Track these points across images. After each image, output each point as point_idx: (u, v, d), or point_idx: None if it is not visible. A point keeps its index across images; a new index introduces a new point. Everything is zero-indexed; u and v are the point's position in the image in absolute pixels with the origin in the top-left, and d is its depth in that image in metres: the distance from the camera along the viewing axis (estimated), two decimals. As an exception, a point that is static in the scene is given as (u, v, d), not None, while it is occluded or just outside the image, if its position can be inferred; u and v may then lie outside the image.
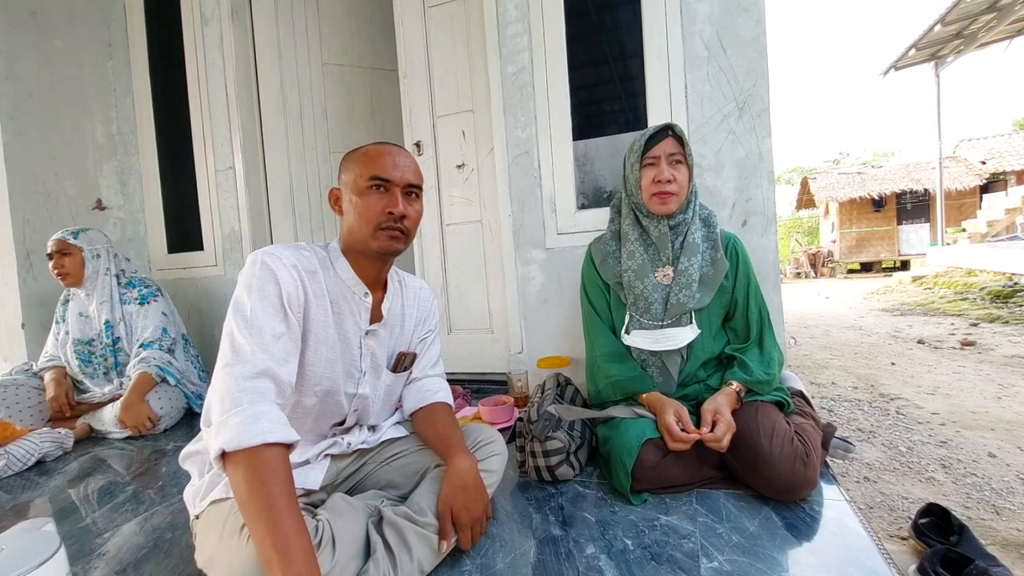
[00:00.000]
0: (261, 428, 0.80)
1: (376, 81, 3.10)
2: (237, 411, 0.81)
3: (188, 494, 0.99)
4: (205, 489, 0.94)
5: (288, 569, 0.72)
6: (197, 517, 0.94)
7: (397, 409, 1.27)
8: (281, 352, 0.91)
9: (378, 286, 1.12)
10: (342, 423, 1.13)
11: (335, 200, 1.08)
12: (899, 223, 14.71)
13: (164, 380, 2.15)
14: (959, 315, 5.87)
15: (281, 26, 2.87)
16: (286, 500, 0.78)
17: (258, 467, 0.78)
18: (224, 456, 0.81)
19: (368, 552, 0.89)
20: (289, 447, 0.85)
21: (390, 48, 2.60)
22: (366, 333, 1.08)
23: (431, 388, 1.23)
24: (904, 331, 5.23)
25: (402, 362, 1.19)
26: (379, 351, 1.13)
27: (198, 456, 1.00)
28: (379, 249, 1.03)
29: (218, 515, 0.88)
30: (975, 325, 5.22)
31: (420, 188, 1.08)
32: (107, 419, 2.04)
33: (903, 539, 1.52)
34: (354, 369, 1.08)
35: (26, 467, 1.78)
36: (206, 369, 2.47)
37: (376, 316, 1.11)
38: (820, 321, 6.37)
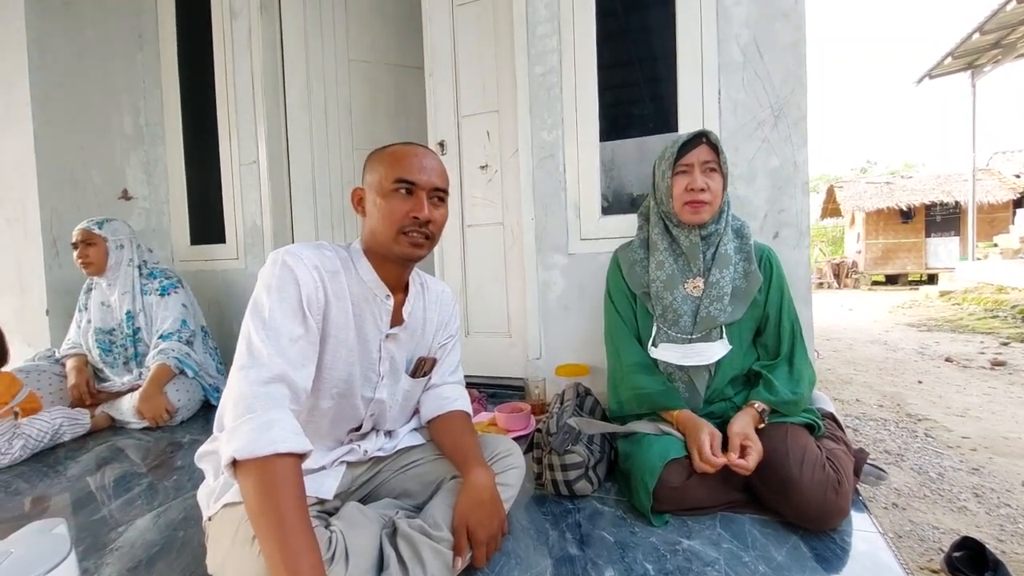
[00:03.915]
0: (273, 437, 0.78)
1: (401, 78, 3.08)
2: (249, 417, 0.79)
3: (202, 494, 0.98)
4: (219, 491, 0.92)
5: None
6: (210, 519, 0.92)
7: (415, 415, 1.25)
8: (298, 356, 0.89)
9: (400, 288, 1.09)
10: (359, 428, 1.11)
11: (358, 200, 1.05)
12: (927, 236, 14.34)
13: (182, 372, 2.16)
14: (989, 333, 5.69)
15: (309, 21, 2.87)
16: (296, 515, 0.76)
17: (269, 478, 0.76)
18: (235, 464, 0.79)
19: (381, 565, 0.87)
20: (302, 457, 0.82)
21: (416, 45, 2.58)
22: (386, 336, 1.06)
23: (450, 396, 1.21)
24: (931, 348, 5.09)
25: (421, 367, 1.16)
26: (398, 355, 1.10)
27: (213, 456, 0.98)
28: (401, 254, 1.00)
29: (231, 519, 0.86)
30: (1006, 344, 5.05)
31: (446, 192, 1.05)
32: (126, 409, 2.06)
33: (933, 572, 1.46)
34: (372, 373, 1.06)
35: (44, 446, 1.80)
36: (224, 362, 2.47)
37: (397, 319, 1.08)
38: (843, 334, 6.23)
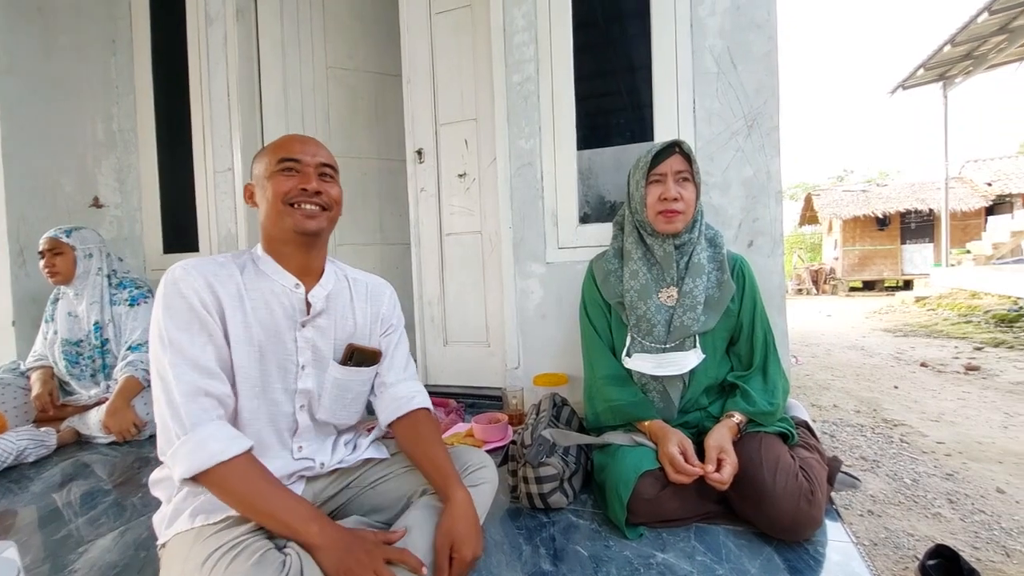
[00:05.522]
0: (211, 451, 0.82)
1: (380, 86, 3.07)
2: (183, 440, 0.83)
3: (156, 519, 0.95)
4: (169, 518, 0.90)
5: (308, 526, 0.82)
6: (163, 546, 0.90)
7: (371, 428, 1.21)
8: (208, 364, 0.89)
9: (313, 276, 1.06)
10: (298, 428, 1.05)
11: (249, 195, 1.06)
12: (903, 242, 14.63)
13: (151, 384, 2.09)
14: (963, 338, 5.81)
15: (286, 28, 2.84)
16: (268, 488, 0.85)
17: (228, 483, 0.83)
18: (193, 479, 0.82)
19: None
20: (248, 451, 0.87)
21: (395, 53, 2.57)
22: (302, 325, 1.02)
23: (406, 394, 1.14)
24: (907, 353, 5.17)
25: (353, 356, 1.10)
26: (321, 343, 1.05)
27: (166, 482, 0.95)
28: (294, 227, 0.98)
29: (181, 546, 0.83)
30: (979, 349, 5.15)
31: (335, 170, 1.06)
32: (92, 423, 1.99)
33: (908, 579, 1.46)
34: (290, 364, 1.01)
35: (6, 466, 1.74)
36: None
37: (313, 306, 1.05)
38: (822, 339, 6.31)
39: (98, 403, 2.07)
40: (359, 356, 1.10)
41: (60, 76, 2.76)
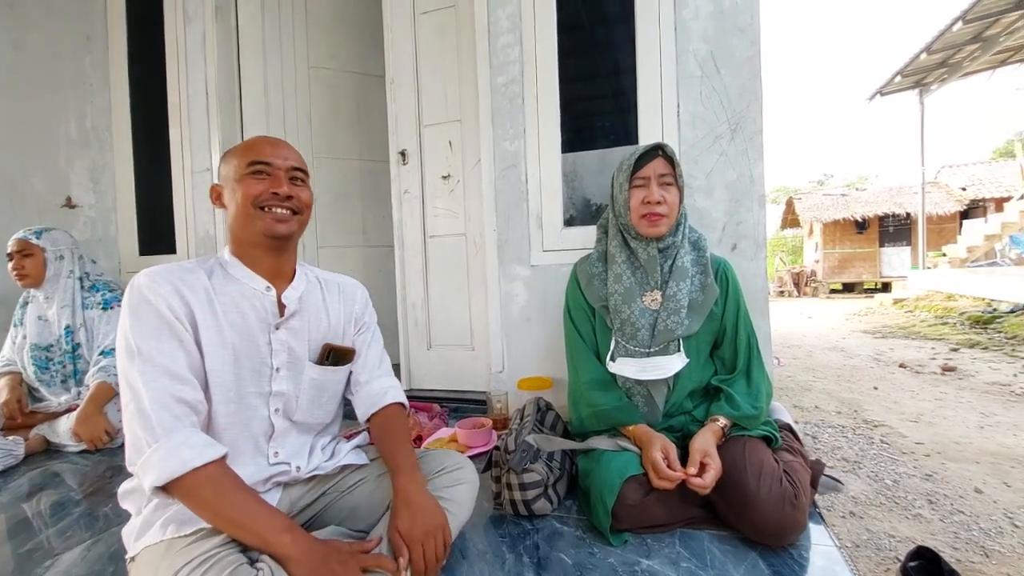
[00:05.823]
0: (184, 457, 0.80)
1: (363, 87, 3.03)
2: (155, 448, 0.80)
3: (125, 532, 0.91)
4: (139, 530, 0.87)
5: (280, 537, 0.79)
6: (132, 559, 0.86)
7: (350, 436, 1.18)
8: (179, 371, 0.87)
9: (284, 278, 1.05)
10: (275, 432, 1.03)
11: (217, 196, 1.04)
12: (881, 245, 14.92)
13: (124, 391, 2.04)
14: (939, 339, 5.92)
15: (267, 27, 2.80)
16: (241, 497, 0.82)
17: (197, 492, 0.80)
18: (164, 488, 0.80)
19: None
20: (222, 459, 0.84)
21: (378, 53, 2.54)
22: (276, 327, 1.00)
23: (380, 390, 1.14)
24: (886, 354, 5.25)
25: (330, 355, 1.09)
26: (296, 344, 1.03)
27: (136, 494, 0.92)
28: (264, 230, 0.97)
29: (151, 560, 0.81)
30: (955, 350, 5.25)
31: (306, 173, 1.05)
32: (62, 431, 1.93)
33: (890, 581, 1.47)
34: (264, 367, 0.99)
35: None
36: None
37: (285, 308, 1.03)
38: (803, 341, 6.39)
39: (68, 410, 2.00)
40: (335, 355, 1.09)
41: (31, 73, 2.69)
